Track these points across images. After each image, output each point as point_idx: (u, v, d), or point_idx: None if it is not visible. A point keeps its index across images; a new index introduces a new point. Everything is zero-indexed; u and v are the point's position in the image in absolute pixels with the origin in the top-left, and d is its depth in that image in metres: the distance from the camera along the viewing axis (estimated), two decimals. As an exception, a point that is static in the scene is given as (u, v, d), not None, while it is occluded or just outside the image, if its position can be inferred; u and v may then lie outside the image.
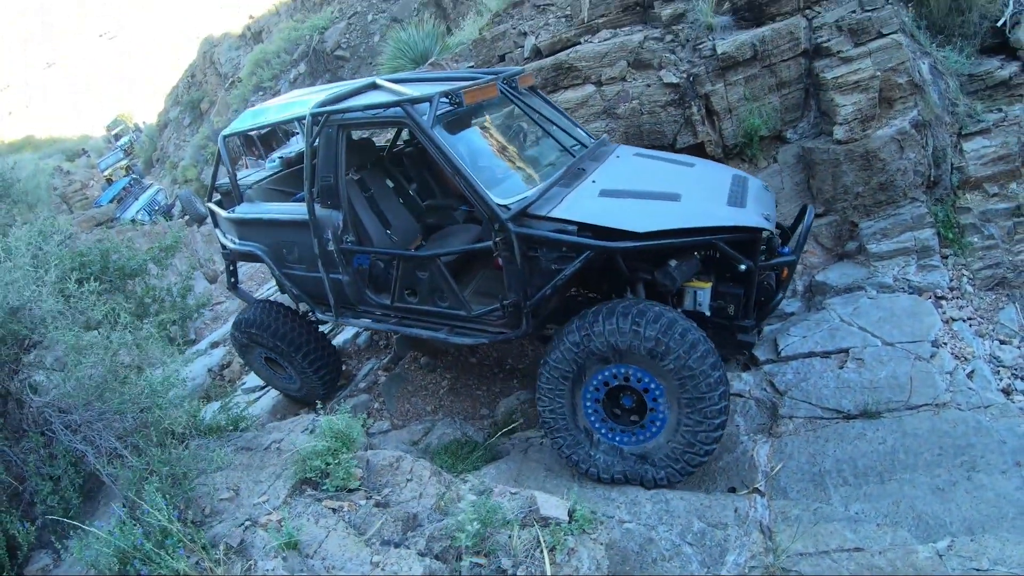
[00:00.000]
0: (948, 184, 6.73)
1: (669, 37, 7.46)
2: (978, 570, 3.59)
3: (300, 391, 7.01)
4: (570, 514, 3.81)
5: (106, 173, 32.80)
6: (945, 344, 5.69)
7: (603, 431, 4.87)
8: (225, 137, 6.57)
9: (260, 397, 7.56)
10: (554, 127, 5.91)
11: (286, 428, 5.05)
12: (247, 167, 10.11)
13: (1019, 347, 5.82)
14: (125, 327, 4.45)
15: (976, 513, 4.30)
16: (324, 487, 4.08)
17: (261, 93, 22.38)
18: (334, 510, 3.88)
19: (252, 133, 13.40)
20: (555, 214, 4.70)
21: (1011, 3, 6.86)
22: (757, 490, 4.76)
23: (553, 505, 3.87)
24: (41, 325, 4.18)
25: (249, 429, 5.16)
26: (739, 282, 5.02)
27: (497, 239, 4.79)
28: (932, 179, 6.68)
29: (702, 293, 4.95)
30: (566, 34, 7.96)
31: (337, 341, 8.25)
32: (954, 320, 6.01)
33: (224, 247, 6.89)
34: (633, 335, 4.35)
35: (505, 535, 3.61)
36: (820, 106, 7.03)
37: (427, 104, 4.97)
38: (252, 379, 8.08)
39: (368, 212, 6.13)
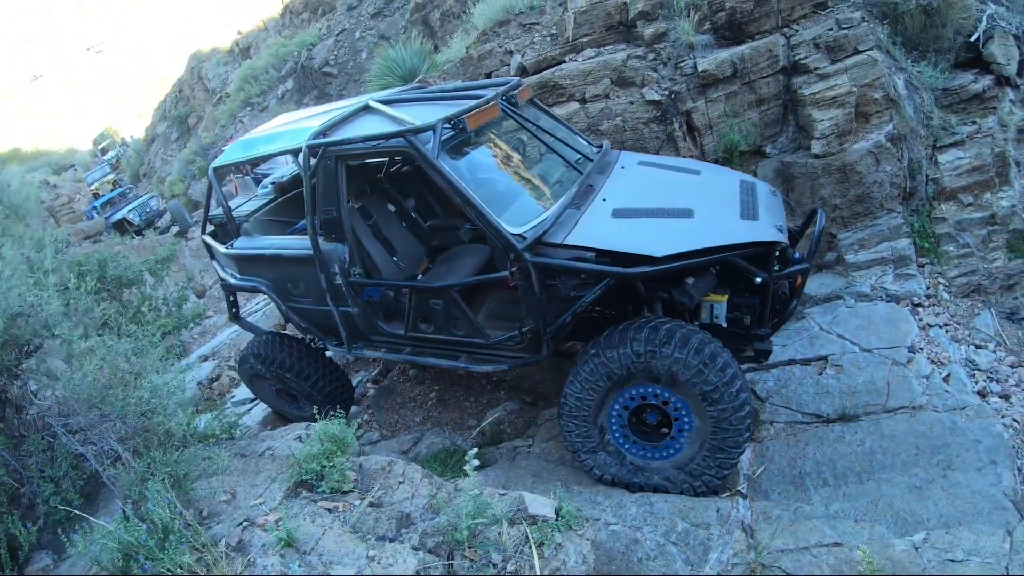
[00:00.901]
0: (924, 195, 6.91)
1: (651, 56, 7.62)
2: (953, 560, 3.70)
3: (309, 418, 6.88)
4: (557, 512, 3.89)
5: (93, 187, 32.48)
6: (921, 349, 5.84)
7: (617, 435, 4.87)
8: (216, 169, 6.34)
9: (250, 409, 7.61)
10: (557, 142, 5.78)
11: (279, 436, 5.11)
12: (236, 189, 10.11)
13: (994, 351, 5.99)
14: (129, 335, 4.53)
15: (952, 509, 4.44)
16: (319, 489, 4.15)
17: (249, 109, 22.35)
18: (329, 510, 3.96)
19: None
20: (571, 241, 4.61)
21: (984, 18, 7.06)
22: (739, 492, 4.85)
23: (540, 504, 3.96)
24: (44, 330, 4.25)
25: (243, 437, 5.21)
26: (754, 293, 4.95)
27: (513, 269, 4.69)
28: (908, 190, 6.86)
29: (718, 306, 4.93)
30: (551, 52, 8.10)
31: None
32: (931, 326, 6.17)
33: (223, 280, 6.72)
34: (697, 373, 4.33)
35: (495, 532, 3.70)
36: (798, 121, 7.19)
37: (430, 132, 4.85)
38: (241, 392, 8.13)
39: (373, 241, 6.05)
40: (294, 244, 5.89)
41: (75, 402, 4.09)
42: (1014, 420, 5.27)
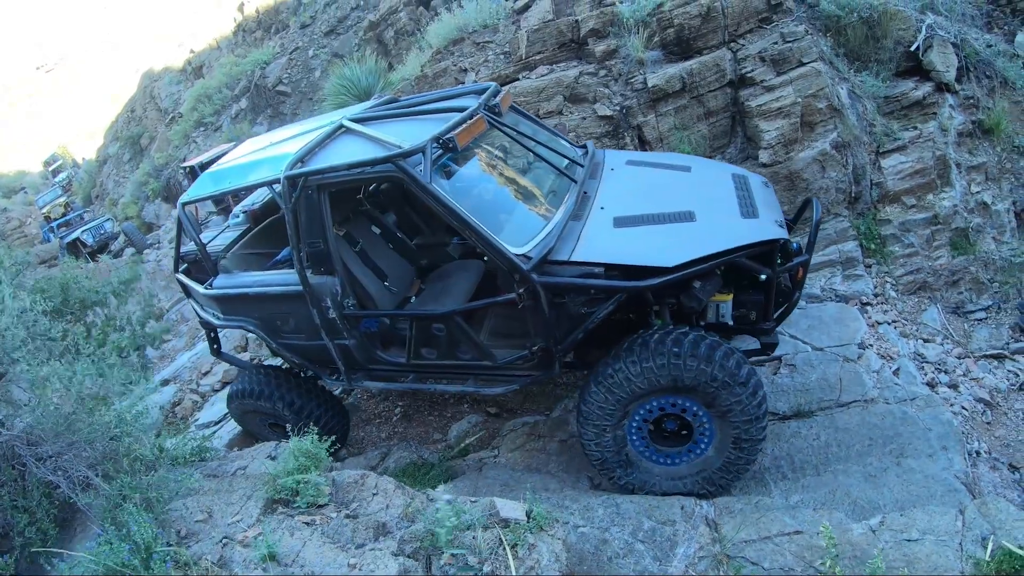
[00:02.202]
0: (868, 199, 7.16)
1: (603, 72, 7.80)
2: (908, 540, 3.85)
3: None
4: (528, 515, 3.98)
5: (44, 210, 31.78)
6: (871, 346, 6.05)
7: (633, 427, 4.79)
8: (184, 204, 5.93)
9: (216, 432, 7.57)
10: (544, 148, 5.55)
11: (249, 456, 5.10)
12: (196, 210, 10.00)
13: (942, 344, 6.22)
14: (89, 356, 4.50)
15: (907, 494, 4.63)
16: (296, 504, 4.15)
17: (203, 129, 21.93)
18: (307, 523, 3.98)
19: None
20: (577, 257, 4.48)
21: (924, 28, 7.34)
22: (702, 490, 5.00)
23: (511, 508, 4.04)
24: (5, 357, 4.23)
25: (212, 459, 5.20)
26: (758, 289, 4.92)
27: (520, 291, 4.51)
28: (853, 195, 7.10)
29: (724, 306, 4.94)
30: (505, 70, 8.26)
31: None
32: (879, 324, 6.39)
33: (204, 320, 6.36)
34: (746, 421, 4.41)
35: (469, 536, 3.78)
36: (746, 132, 7.41)
37: (420, 155, 4.60)
38: (206, 415, 8.07)
39: (363, 269, 5.75)
40: (279, 279, 5.55)
41: (42, 430, 4.05)
42: (963, 408, 5.53)
